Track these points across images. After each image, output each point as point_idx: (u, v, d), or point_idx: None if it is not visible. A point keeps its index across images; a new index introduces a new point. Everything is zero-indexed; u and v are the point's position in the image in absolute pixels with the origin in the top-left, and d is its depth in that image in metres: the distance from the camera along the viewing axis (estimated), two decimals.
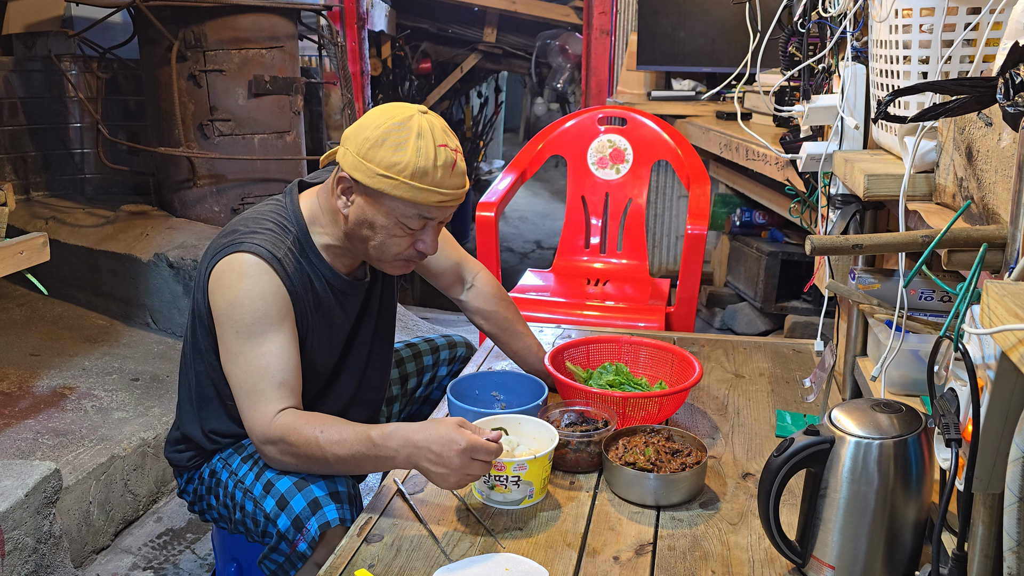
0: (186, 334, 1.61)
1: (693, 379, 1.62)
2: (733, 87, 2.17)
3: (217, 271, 1.45)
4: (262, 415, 1.39)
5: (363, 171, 1.39)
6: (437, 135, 1.40)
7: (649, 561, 1.24)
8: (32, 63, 3.78)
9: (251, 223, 1.49)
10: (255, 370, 1.41)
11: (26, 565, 1.77)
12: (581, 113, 3.14)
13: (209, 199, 3.43)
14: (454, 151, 1.41)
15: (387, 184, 1.38)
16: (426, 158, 1.37)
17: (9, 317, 3.27)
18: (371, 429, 1.34)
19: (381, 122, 1.39)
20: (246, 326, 1.41)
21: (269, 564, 1.44)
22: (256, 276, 1.42)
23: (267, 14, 3.36)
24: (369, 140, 1.38)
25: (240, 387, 1.42)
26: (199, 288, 1.51)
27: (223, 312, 1.43)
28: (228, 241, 1.47)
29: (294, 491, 1.40)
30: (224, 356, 1.45)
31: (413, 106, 1.43)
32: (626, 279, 2.95)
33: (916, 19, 1.32)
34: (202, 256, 1.54)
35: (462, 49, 6.32)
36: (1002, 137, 1.11)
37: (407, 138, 1.37)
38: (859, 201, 1.70)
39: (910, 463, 1.12)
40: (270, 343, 1.42)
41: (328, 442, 1.35)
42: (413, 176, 1.37)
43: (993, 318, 0.79)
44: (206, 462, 1.61)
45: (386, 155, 1.37)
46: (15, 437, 2.31)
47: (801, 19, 1.84)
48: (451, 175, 1.41)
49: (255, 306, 1.41)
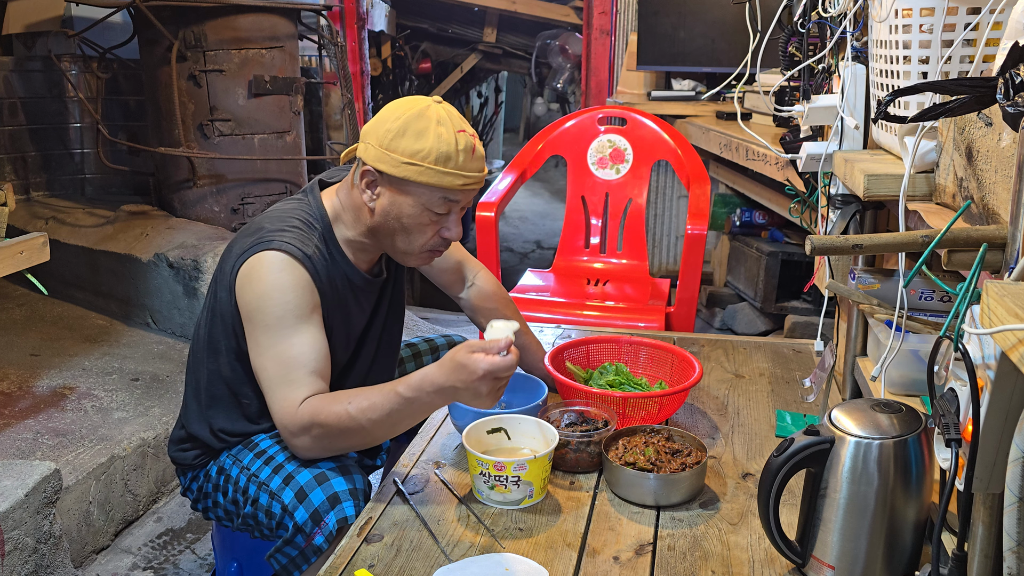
0: (198, 333, 1.61)
1: (693, 379, 1.62)
2: (733, 87, 2.17)
3: (246, 268, 1.45)
4: (289, 403, 1.39)
5: (387, 161, 1.42)
6: (455, 121, 1.44)
7: (649, 561, 1.24)
8: (32, 63, 3.78)
9: (277, 221, 1.50)
10: (287, 360, 1.41)
11: (26, 565, 1.77)
12: (581, 113, 3.13)
13: (209, 199, 3.43)
14: (472, 136, 1.46)
15: (413, 171, 1.41)
16: (448, 143, 1.41)
17: (9, 317, 3.27)
18: (397, 385, 1.36)
19: (400, 113, 1.43)
20: (276, 319, 1.42)
21: (280, 558, 1.44)
22: (287, 271, 1.43)
23: (267, 14, 3.36)
24: (391, 131, 1.41)
25: (271, 379, 1.42)
26: (223, 287, 1.51)
27: (253, 307, 1.43)
28: (255, 239, 1.47)
29: (314, 484, 1.41)
30: (254, 351, 1.44)
31: (427, 98, 1.47)
32: (626, 279, 2.95)
33: (916, 19, 1.32)
34: (224, 255, 1.54)
35: (462, 49, 6.32)
36: (1002, 137, 1.11)
37: (427, 126, 1.41)
38: (859, 201, 1.70)
39: (910, 463, 1.12)
40: (301, 335, 1.42)
41: (359, 410, 1.35)
42: (437, 161, 1.41)
43: (993, 318, 0.79)
44: (213, 460, 1.61)
45: (409, 143, 1.41)
46: (15, 437, 2.31)
47: (801, 19, 1.84)
48: (472, 159, 1.45)
49: (286, 299, 1.42)
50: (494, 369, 1.31)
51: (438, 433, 1.65)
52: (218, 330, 1.54)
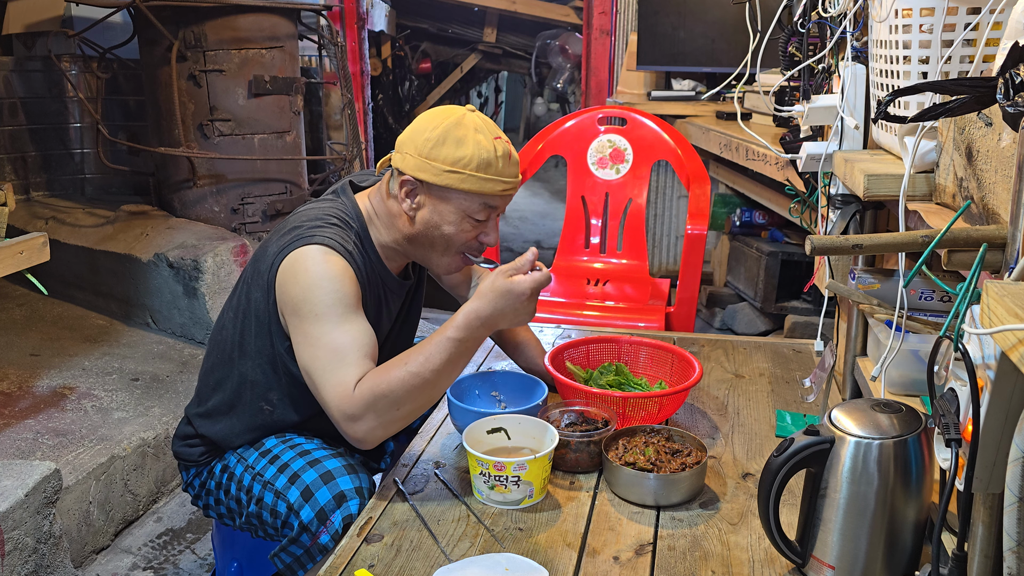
0: (222, 335, 1.59)
1: (693, 379, 1.62)
2: (733, 87, 2.17)
3: (287, 264, 1.44)
4: (344, 386, 1.36)
5: (429, 170, 1.43)
6: (491, 129, 1.48)
7: (649, 561, 1.24)
8: (32, 63, 3.78)
9: (314, 219, 1.50)
10: (339, 347, 1.38)
11: (26, 565, 1.77)
12: (581, 113, 3.14)
13: (209, 199, 3.43)
14: (507, 143, 1.49)
15: (455, 179, 1.43)
16: (487, 150, 1.43)
17: (9, 317, 3.27)
18: (445, 331, 1.37)
19: (437, 123, 1.44)
20: (327, 307, 1.40)
21: (285, 557, 1.44)
22: (331, 263, 1.43)
23: (267, 14, 3.36)
24: (430, 140, 1.43)
25: (323, 367, 1.38)
26: (257, 287, 1.50)
27: (300, 299, 1.41)
28: (293, 237, 1.46)
29: (319, 483, 1.41)
30: (303, 344, 1.41)
31: (460, 107, 1.50)
32: (626, 279, 2.95)
33: (916, 19, 1.32)
34: (257, 256, 1.53)
35: (462, 49, 6.33)
36: (1002, 137, 1.11)
37: (466, 134, 1.43)
38: (859, 201, 1.70)
39: (910, 463, 1.12)
40: (352, 322, 1.41)
41: (419, 366, 1.35)
42: (478, 168, 1.43)
43: (993, 318, 0.79)
44: (218, 458, 1.61)
45: (449, 152, 1.42)
46: (15, 437, 2.31)
47: (801, 19, 1.84)
48: (509, 164, 1.48)
49: (334, 287, 1.41)
50: (537, 285, 1.37)
51: (438, 433, 1.65)
52: (251, 333, 1.53)
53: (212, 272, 3.05)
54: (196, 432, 1.61)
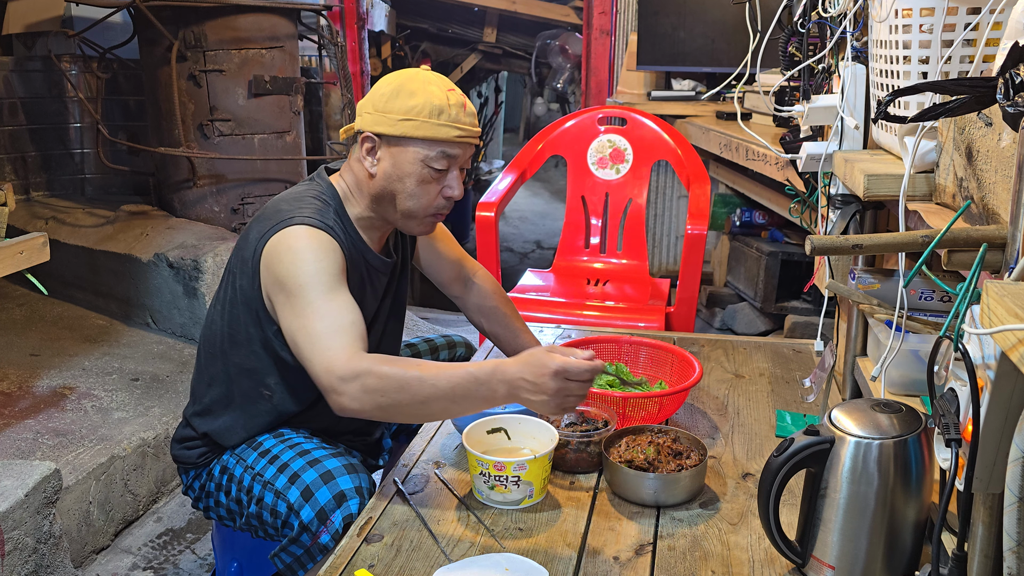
0: (212, 330, 1.59)
1: (693, 379, 1.62)
2: (733, 87, 2.17)
3: (271, 245, 1.44)
4: (339, 349, 1.33)
5: (384, 122, 1.47)
6: (444, 82, 1.51)
7: (649, 561, 1.24)
8: (32, 63, 3.78)
9: (293, 202, 1.51)
10: (332, 313, 1.37)
11: (26, 565, 1.77)
12: (581, 113, 3.14)
13: (209, 199, 3.43)
14: (461, 95, 1.51)
15: (409, 127, 1.46)
16: (440, 98, 1.46)
17: (9, 317, 3.27)
18: (469, 366, 1.32)
19: (391, 80, 1.50)
20: (313, 277, 1.39)
21: (285, 557, 1.44)
22: (316, 238, 1.44)
23: (267, 14, 3.36)
24: (384, 95, 1.48)
25: (316, 333, 1.35)
26: (243, 275, 1.51)
27: (286, 274, 1.41)
28: (275, 221, 1.47)
29: (320, 483, 1.41)
30: (291, 316, 1.40)
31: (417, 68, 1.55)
32: (626, 279, 2.95)
33: (916, 19, 1.32)
34: (239, 245, 1.54)
35: (462, 49, 6.32)
36: (1002, 137, 1.11)
37: (419, 86, 1.47)
38: (859, 201, 1.70)
39: (910, 463, 1.12)
40: (342, 294, 1.41)
41: (428, 373, 1.30)
42: (431, 115, 1.46)
43: (993, 318, 0.79)
44: (216, 459, 1.61)
45: (403, 102, 1.46)
46: (15, 437, 2.31)
47: (801, 19, 1.84)
48: (464, 112, 1.49)
49: (319, 259, 1.41)
50: (566, 368, 1.26)
51: (438, 433, 1.65)
52: (240, 321, 1.53)
53: (212, 272, 3.05)
54: (195, 433, 1.61)
